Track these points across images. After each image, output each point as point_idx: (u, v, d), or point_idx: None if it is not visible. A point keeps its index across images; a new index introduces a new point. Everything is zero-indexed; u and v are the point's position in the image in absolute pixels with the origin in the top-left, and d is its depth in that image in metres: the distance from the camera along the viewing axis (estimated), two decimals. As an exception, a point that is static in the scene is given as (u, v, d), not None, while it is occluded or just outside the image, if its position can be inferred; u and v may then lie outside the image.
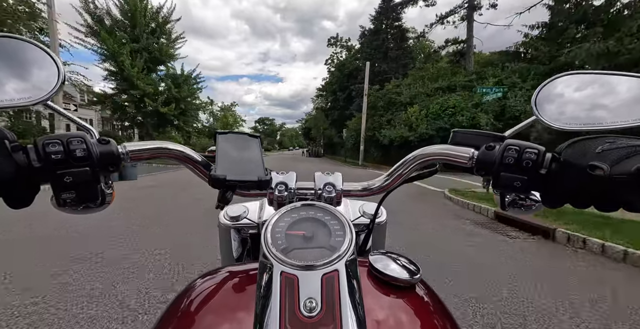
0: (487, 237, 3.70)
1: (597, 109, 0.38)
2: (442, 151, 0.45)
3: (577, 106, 0.40)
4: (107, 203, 0.41)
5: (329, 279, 0.31)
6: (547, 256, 3.10)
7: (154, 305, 1.91)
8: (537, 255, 3.10)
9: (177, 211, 4.72)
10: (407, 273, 0.40)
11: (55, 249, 2.86)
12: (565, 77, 0.42)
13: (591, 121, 0.38)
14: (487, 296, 2.14)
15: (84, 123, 0.42)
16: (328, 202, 0.46)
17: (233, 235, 0.67)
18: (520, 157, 0.36)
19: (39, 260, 2.57)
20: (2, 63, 0.35)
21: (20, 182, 0.32)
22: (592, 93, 0.39)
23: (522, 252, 3.17)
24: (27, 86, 0.35)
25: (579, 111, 0.39)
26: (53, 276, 2.27)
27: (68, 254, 2.69)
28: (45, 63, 0.37)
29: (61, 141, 0.33)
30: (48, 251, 2.81)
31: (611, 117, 0.37)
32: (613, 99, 0.38)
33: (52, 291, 2.06)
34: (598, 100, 0.39)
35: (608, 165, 0.30)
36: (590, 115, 0.38)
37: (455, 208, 5.59)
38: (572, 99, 0.40)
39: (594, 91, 0.39)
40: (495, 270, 2.65)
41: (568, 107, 0.40)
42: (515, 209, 0.43)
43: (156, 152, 0.43)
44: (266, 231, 0.35)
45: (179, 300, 0.41)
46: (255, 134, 0.50)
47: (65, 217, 2.59)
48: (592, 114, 0.38)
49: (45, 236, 3.21)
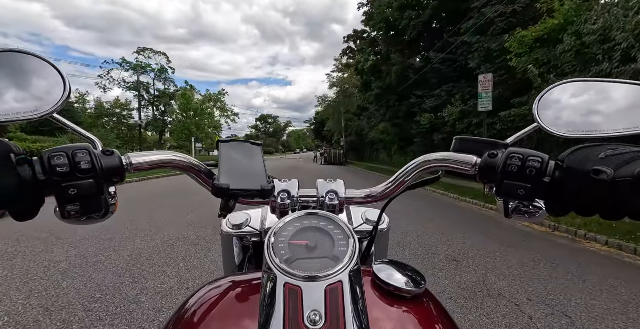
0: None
1: (598, 117, 0.38)
2: (444, 158, 0.45)
3: (579, 113, 0.40)
4: (111, 213, 0.41)
5: (333, 290, 0.31)
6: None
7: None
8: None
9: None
10: (412, 283, 0.40)
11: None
12: (567, 85, 0.42)
13: (593, 128, 0.38)
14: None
15: (88, 134, 0.42)
16: (331, 210, 0.46)
17: (235, 243, 0.67)
18: (523, 165, 0.36)
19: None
20: (8, 77, 0.36)
21: (25, 196, 0.32)
22: (593, 100, 0.39)
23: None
24: (34, 99, 0.36)
25: (581, 118, 0.39)
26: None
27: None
28: (51, 76, 0.37)
29: (66, 153, 0.33)
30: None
31: (613, 125, 0.37)
32: (615, 106, 0.38)
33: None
34: (599, 107, 0.39)
35: (612, 169, 0.30)
36: (592, 122, 0.38)
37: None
38: (574, 106, 0.40)
39: (596, 98, 0.39)
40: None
41: (570, 114, 0.40)
42: (519, 216, 0.42)
43: (160, 163, 0.43)
44: (269, 242, 0.35)
45: (183, 311, 0.40)
46: (257, 141, 0.51)
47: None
48: (594, 121, 0.38)
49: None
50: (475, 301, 2.17)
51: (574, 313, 2.05)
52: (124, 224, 4.01)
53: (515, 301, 2.18)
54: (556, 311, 2.05)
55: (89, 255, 2.98)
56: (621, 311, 2.08)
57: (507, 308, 2.07)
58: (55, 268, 2.69)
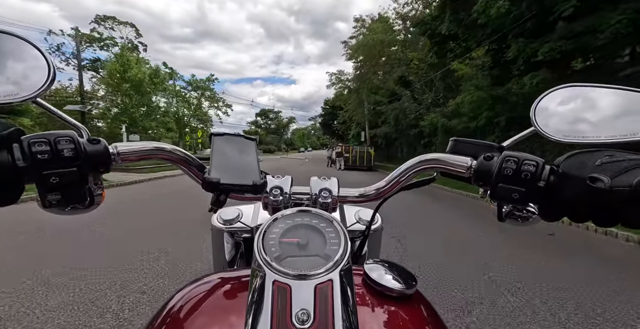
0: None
1: (595, 122, 0.38)
2: (440, 159, 0.44)
3: (576, 118, 0.40)
4: (97, 204, 0.40)
5: (322, 289, 0.30)
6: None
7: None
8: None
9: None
10: (403, 284, 0.39)
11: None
12: (565, 89, 0.41)
13: (590, 133, 0.38)
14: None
15: (74, 121, 0.40)
16: (324, 208, 0.45)
17: (226, 238, 0.66)
18: (518, 169, 0.35)
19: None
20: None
21: (2, 182, 0.30)
22: (590, 106, 0.39)
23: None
24: (15, 83, 0.34)
25: (578, 124, 0.39)
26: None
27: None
28: (35, 59, 0.36)
29: (48, 140, 0.32)
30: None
31: (609, 131, 0.37)
32: (612, 112, 0.38)
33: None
34: (596, 113, 0.39)
35: (608, 177, 0.30)
36: (588, 128, 0.38)
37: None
38: (571, 111, 0.40)
39: (593, 104, 0.39)
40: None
41: (566, 119, 0.40)
42: (512, 220, 0.42)
43: (149, 153, 0.42)
44: (259, 238, 0.34)
45: (167, 307, 0.39)
46: (251, 136, 0.50)
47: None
48: (591, 127, 0.38)
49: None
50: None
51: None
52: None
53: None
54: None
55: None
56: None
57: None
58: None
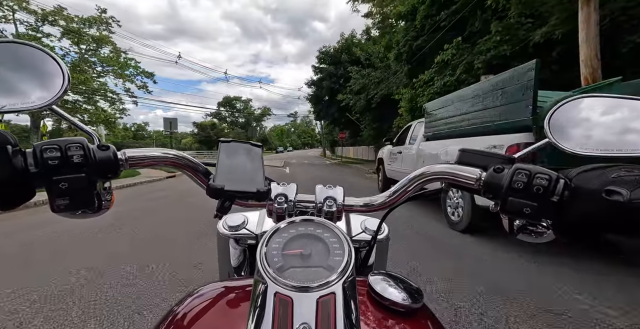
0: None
1: (614, 135, 0.36)
2: (448, 170, 0.43)
3: (594, 129, 0.38)
4: (105, 209, 0.40)
5: (325, 302, 0.29)
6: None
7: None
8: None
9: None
10: (409, 298, 0.38)
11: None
12: (582, 100, 0.40)
13: (609, 146, 0.36)
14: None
15: (86, 128, 0.42)
16: (328, 216, 0.45)
17: (232, 244, 0.66)
18: (530, 182, 0.34)
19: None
20: (6, 68, 0.35)
21: (15, 186, 0.31)
22: (610, 117, 0.38)
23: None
24: (32, 91, 0.35)
25: (596, 136, 0.37)
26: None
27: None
28: (50, 67, 0.37)
29: (59, 146, 0.33)
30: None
31: (630, 145, 0.35)
32: (633, 125, 0.36)
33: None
34: (616, 125, 0.37)
35: (628, 190, 0.28)
36: (607, 140, 0.36)
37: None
38: (589, 122, 0.39)
39: (613, 115, 0.38)
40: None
41: (583, 130, 0.38)
42: (524, 235, 0.40)
43: (156, 160, 0.43)
44: (262, 248, 0.34)
45: (171, 316, 0.39)
46: (257, 143, 0.50)
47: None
48: (610, 139, 0.36)
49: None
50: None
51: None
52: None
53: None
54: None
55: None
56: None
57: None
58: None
